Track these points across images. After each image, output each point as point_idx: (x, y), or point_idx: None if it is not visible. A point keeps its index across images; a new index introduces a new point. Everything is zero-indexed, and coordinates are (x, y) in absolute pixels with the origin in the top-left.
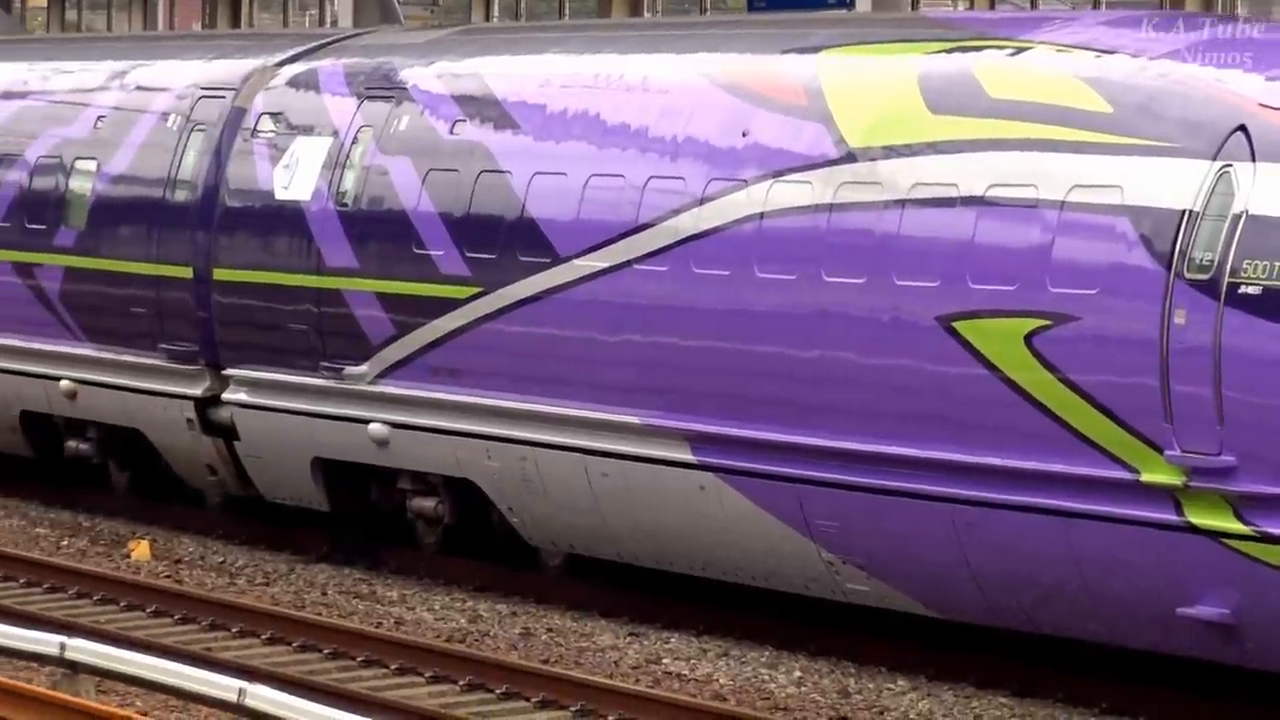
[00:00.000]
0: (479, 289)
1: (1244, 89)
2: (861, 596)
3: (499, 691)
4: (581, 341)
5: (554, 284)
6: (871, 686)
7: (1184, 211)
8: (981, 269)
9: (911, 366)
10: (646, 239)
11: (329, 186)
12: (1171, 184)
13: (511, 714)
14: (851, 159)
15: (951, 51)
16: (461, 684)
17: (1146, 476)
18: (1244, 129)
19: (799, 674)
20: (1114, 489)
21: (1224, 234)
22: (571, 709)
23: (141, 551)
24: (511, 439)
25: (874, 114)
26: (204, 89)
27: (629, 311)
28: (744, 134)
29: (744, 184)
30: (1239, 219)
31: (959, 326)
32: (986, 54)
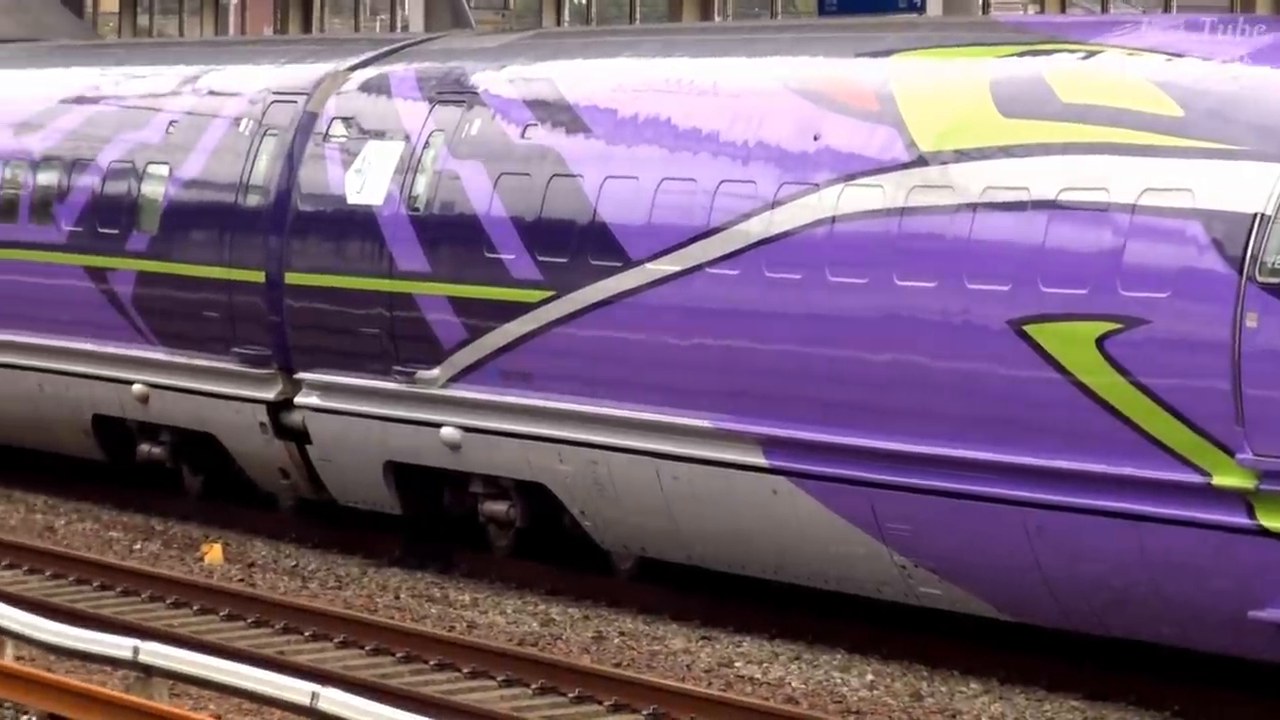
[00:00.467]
0: (550, 293)
1: None
2: (934, 600)
3: (571, 695)
4: (653, 345)
5: (625, 288)
6: (944, 690)
7: (1255, 215)
8: (1053, 272)
9: (983, 370)
10: (718, 243)
11: (401, 191)
12: (1242, 187)
13: (584, 718)
14: (923, 163)
15: (1022, 55)
16: (534, 688)
17: (1218, 480)
18: None
19: (871, 677)
20: (1185, 492)
21: None
22: (644, 713)
23: (214, 555)
24: (583, 442)
25: (945, 118)
26: (276, 94)
27: (700, 315)
28: (815, 138)
29: (816, 188)
30: None
31: (1030, 330)
32: (1057, 57)
